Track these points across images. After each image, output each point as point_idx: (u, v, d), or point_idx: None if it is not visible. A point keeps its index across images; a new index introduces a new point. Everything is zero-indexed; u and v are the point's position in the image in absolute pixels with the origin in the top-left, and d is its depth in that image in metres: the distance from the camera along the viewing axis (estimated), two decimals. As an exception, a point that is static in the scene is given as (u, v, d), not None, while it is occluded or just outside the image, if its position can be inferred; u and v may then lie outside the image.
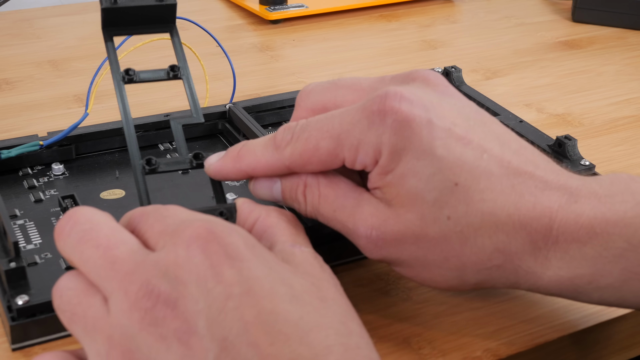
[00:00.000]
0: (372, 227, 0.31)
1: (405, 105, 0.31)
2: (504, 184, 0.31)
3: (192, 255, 0.26)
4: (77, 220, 0.28)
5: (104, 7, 0.37)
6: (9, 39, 0.66)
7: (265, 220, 0.31)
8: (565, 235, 0.30)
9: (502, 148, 0.31)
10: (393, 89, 0.31)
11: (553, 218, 0.30)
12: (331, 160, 0.32)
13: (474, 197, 0.30)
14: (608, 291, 0.31)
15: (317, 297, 0.26)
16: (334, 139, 0.32)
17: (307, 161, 0.32)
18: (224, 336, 0.24)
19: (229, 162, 0.34)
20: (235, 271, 0.26)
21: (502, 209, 0.30)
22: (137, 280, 0.26)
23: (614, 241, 0.30)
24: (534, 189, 0.31)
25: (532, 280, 0.31)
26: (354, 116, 0.31)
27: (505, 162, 0.31)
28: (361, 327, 0.27)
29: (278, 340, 0.24)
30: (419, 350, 0.34)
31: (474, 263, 0.31)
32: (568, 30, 0.71)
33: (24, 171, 0.44)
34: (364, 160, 0.31)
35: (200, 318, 0.25)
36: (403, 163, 0.31)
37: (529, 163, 0.31)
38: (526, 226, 0.30)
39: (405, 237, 0.31)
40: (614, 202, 0.30)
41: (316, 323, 0.25)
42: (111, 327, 0.26)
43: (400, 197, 0.31)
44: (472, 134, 0.31)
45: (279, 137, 0.33)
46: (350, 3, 0.74)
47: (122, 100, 0.37)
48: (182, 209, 0.30)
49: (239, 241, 0.27)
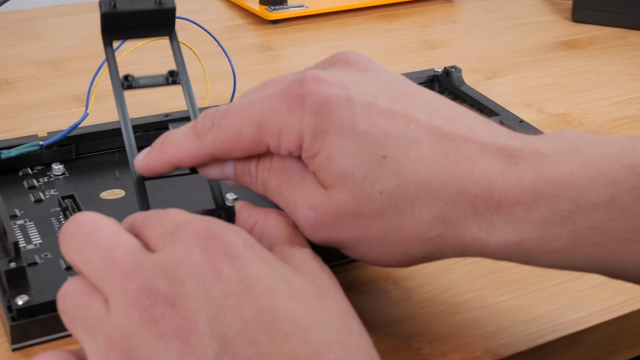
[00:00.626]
0: (310, 207, 0.31)
1: (323, 87, 0.30)
2: (436, 151, 0.29)
3: (191, 254, 0.26)
4: (80, 224, 0.29)
5: (103, 12, 0.37)
6: (9, 39, 0.66)
7: (264, 222, 0.31)
8: (507, 198, 0.29)
9: (430, 115, 0.30)
10: (310, 73, 0.31)
11: (493, 182, 0.29)
12: (255, 147, 0.31)
13: (405, 168, 0.29)
14: (558, 255, 0.29)
15: (316, 296, 0.26)
16: (256, 126, 0.31)
17: (230, 149, 0.32)
18: (223, 334, 0.24)
19: (154, 155, 0.33)
20: (235, 269, 0.26)
21: (436, 176, 0.29)
22: (136, 279, 0.26)
23: (561, 203, 0.28)
24: (470, 153, 0.29)
25: (479, 247, 0.30)
26: (273, 102, 0.31)
27: (434, 128, 0.30)
28: (361, 326, 0.27)
29: (278, 338, 0.24)
30: (419, 350, 0.34)
31: (414, 235, 0.30)
32: (568, 30, 0.71)
33: (24, 171, 0.44)
34: (288, 146, 0.31)
35: (200, 316, 0.25)
36: (327, 144, 0.30)
37: (463, 127, 0.30)
38: (465, 192, 0.29)
39: (342, 218, 0.30)
40: (559, 162, 0.29)
41: (316, 321, 0.25)
42: (111, 327, 0.26)
43: (331, 178, 0.30)
44: (396, 105, 0.30)
45: (200, 125, 0.32)
46: (350, 3, 0.74)
47: (121, 106, 0.37)
48: (182, 211, 0.30)
49: (238, 240, 0.27)
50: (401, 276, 0.38)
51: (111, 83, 0.37)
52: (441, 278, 0.38)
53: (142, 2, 0.38)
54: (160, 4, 0.38)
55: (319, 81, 0.30)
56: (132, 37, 0.39)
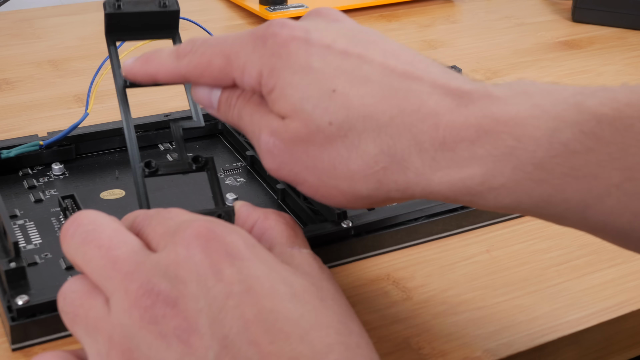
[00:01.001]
0: (270, 134, 0.32)
1: (286, 30, 0.32)
2: (385, 89, 0.31)
3: (192, 254, 0.26)
4: (81, 222, 0.29)
5: (108, 12, 0.37)
6: (9, 39, 0.66)
7: (264, 222, 0.31)
8: (452, 136, 0.29)
9: (386, 58, 0.31)
10: (278, 19, 0.33)
11: (440, 119, 0.30)
12: (222, 78, 0.34)
13: (354, 102, 0.31)
14: (502, 192, 0.29)
15: (316, 297, 0.26)
16: (225, 58, 0.33)
17: (200, 74, 0.34)
18: (224, 334, 0.24)
19: (138, 63, 0.36)
20: (236, 269, 0.26)
21: (384, 112, 0.30)
22: (137, 279, 0.26)
23: (503, 140, 0.29)
24: (420, 92, 0.30)
25: (423, 184, 0.30)
26: (243, 40, 0.33)
27: (388, 69, 0.31)
28: (360, 327, 0.27)
29: (278, 338, 0.24)
30: (419, 350, 0.34)
31: (360, 168, 0.31)
32: (568, 30, 0.71)
33: (24, 171, 0.44)
34: (250, 82, 0.33)
35: (201, 316, 0.25)
36: (281, 79, 0.32)
37: (418, 70, 0.31)
38: (410, 128, 0.30)
39: (295, 145, 0.32)
40: (507, 103, 0.29)
41: (316, 322, 0.25)
42: (112, 327, 0.26)
43: (285, 110, 0.32)
44: (354, 49, 0.32)
45: (181, 47, 0.35)
46: (350, 3, 0.74)
47: (123, 105, 0.37)
48: (183, 211, 0.30)
49: (239, 240, 0.27)
50: (401, 276, 0.38)
51: (114, 82, 0.37)
52: (441, 278, 0.38)
53: (147, 3, 0.38)
54: (164, 6, 0.38)
55: (284, 26, 0.33)
56: (135, 39, 0.39)
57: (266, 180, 0.44)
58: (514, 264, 0.39)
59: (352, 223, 0.38)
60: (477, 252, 0.40)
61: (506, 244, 0.41)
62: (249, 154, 0.46)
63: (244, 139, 0.47)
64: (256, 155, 0.45)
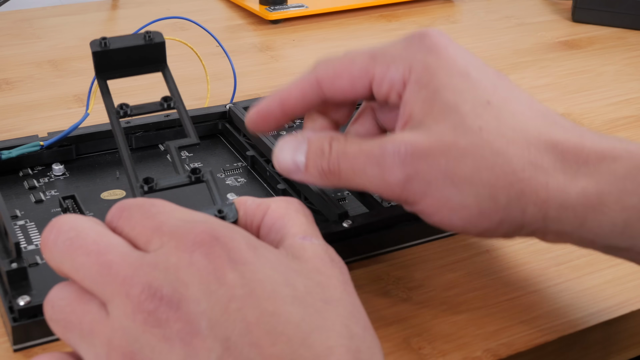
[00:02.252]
0: (402, 143, 0.32)
1: (444, 38, 0.34)
2: (535, 114, 0.32)
3: (195, 260, 0.26)
4: (61, 229, 0.28)
5: (94, 51, 0.38)
6: (9, 39, 0.66)
7: (274, 212, 0.30)
8: (596, 154, 0.31)
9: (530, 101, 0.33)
10: (435, 29, 0.34)
11: (585, 141, 0.32)
12: (360, 78, 0.34)
13: (505, 115, 0.32)
14: (634, 213, 0.30)
15: (320, 299, 0.26)
16: (370, 56, 0.34)
17: (337, 74, 0.34)
18: (226, 336, 0.24)
19: (262, 103, 0.37)
20: (238, 274, 0.26)
21: (533, 128, 0.32)
22: (137, 283, 0.26)
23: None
24: (565, 122, 0.33)
25: (560, 199, 0.31)
26: (393, 42, 0.34)
27: (534, 105, 0.33)
28: (365, 330, 0.27)
29: (280, 341, 0.24)
30: (419, 350, 0.34)
31: (506, 174, 0.31)
32: (568, 30, 0.71)
33: (24, 172, 0.44)
34: (393, 78, 0.33)
35: (203, 319, 0.25)
36: (437, 78, 0.32)
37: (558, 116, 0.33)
38: (557, 144, 0.32)
39: (436, 149, 0.32)
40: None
41: (318, 325, 0.25)
42: (112, 330, 0.26)
43: (433, 112, 0.32)
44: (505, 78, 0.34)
45: (316, 62, 0.35)
46: (350, 3, 0.74)
47: (118, 133, 0.38)
48: (171, 204, 0.29)
49: (242, 245, 0.27)
50: (401, 276, 0.38)
51: (107, 115, 0.38)
52: (441, 278, 0.38)
53: (132, 39, 0.39)
54: (150, 40, 0.39)
55: (442, 34, 0.34)
56: (125, 75, 0.40)
57: (266, 181, 0.44)
58: (514, 264, 0.40)
59: (353, 223, 0.39)
60: (477, 252, 0.40)
61: (506, 243, 0.41)
62: (249, 154, 0.46)
63: (244, 138, 0.47)
64: (257, 156, 0.45)
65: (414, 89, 0.32)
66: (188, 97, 0.56)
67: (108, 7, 0.74)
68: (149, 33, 0.40)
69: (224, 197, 0.42)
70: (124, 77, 0.40)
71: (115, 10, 0.74)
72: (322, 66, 0.35)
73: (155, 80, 0.41)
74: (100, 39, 0.38)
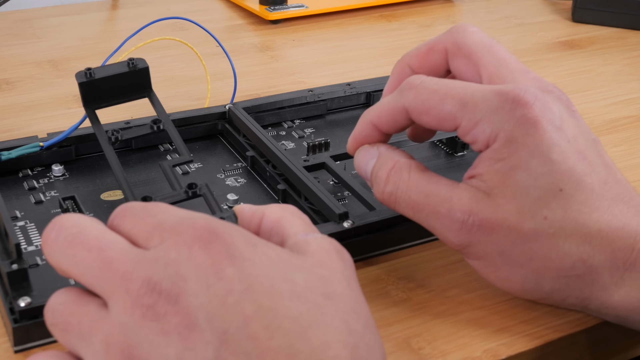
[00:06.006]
0: (469, 212, 0.33)
1: (539, 105, 0.33)
2: (602, 203, 0.32)
3: (194, 255, 0.26)
4: (63, 226, 0.28)
5: (80, 82, 0.39)
6: (9, 39, 0.66)
7: (270, 217, 0.31)
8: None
9: (608, 174, 0.33)
10: (533, 89, 0.33)
11: (637, 240, 0.32)
12: (447, 121, 0.34)
13: (572, 206, 0.32)
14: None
15: (321, 294, 0.26)
16: (461, 104, 0.33)
17: (425, 111, 0.34)
18: (224, 329, 0.25)
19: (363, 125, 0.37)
20: (236, 269, 0.26)
21: (594, 223, 0.32)
22: (137, 278, 0.26)
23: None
24: (627, 212, 0.32)
25: (603, 298, 0.32)
26: (488, 94, 0.33)
27: (607, 185, 0.33)
28: (365, 327, 0.27)
29: (277, 334, 0.24)
30: (419, 350, 0.34)
31: (556, 268, 0.32)
32: (568, 30, 0.71)
33: (24, 172, 0.44)
34: (477, 136, 0.33)
35: (201, 312, 0.25)
36: (517, 155, 0.32)
37: (627, 193, 0.33)
38: (612, 243, 0.32)
39: (500, 228, 0.32)
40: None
41: (316, 320, 0.25)
42: (110, 326, 0.26)
43: (504, 188, 0.32)
44: (588, 152, 0.33)
45: (405, 82, 0.35)
46: (350, 3, 0.74)
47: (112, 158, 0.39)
48: (173, 207, 0.29)
49: (241, 241, 0.27)
50: (401, 276, 0.38)
51: (99, 142, 0.40)
52: (441, 278, 0.38)
53: (116, 67, 0.41)
54: (134, 67, 0.41)
55: (537, 99, 0.33)
56: (112, 103, 0.41)
57: (266, 181, 0.44)
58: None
59: (353, 223, 0.39)
60: (477, 252, 0.40)
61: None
62: (249, 154, 0.46)
63: (244, 139, 0.47)
64: (257, 156, 0.45)
65: (493, 156, 0.33)
66: (188, 97, 0.56)
67: (108, 7, 0.74)
68: (132, 60, 0.41)
69: (225, 199, 0.42)
70: (111, 105, 0.41)
71: (115, 10, 0.74)
72: (411, 95, 0.34)
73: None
74: (85, 69, 0.40)
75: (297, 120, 0.51)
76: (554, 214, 0.32)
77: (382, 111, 0.36)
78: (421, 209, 0.34)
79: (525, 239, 0.32)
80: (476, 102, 0.33)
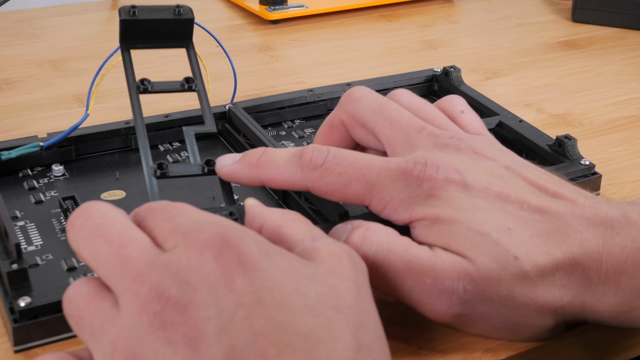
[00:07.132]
0: (458, 279, 0.31)
1: (442, 173, 0.33)
2: (549, 228, 0.32)
3: (204, 262, 0.26)
4: (90, 214, 0.28)
5: (123, 18, 0.37)
6: (9, 39, 0.66)
7: (273, 222, 0.31)
8: (614, 269, 0.31)
9: (539, 198, 0.33)
10: (431, 159, 0.33)
11: (601, 252, 0.32)
12: (355, 201, 0.34)
13: (528, 241, 0.32)
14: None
15: (332, 306, 0.26)
16: (368, 186, 0.33)
17: (331, 193, 0.34)
18: (232, 345, 0.24)
19: (246, 168, 0.35)
20: (247, 280, 0.25)
21: (555, 249, 0.32)
22: (147, 282, 0.26)
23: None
24: (578, 227, 0.32)
25: (592, 316, 0.33)
26: (392, 174, 0.33)
27: (544, 209, 0.33)
28: (374, 341, 0.27)
29: (285, 352, 0.24)
30: (419, 350, 0.34)
31: (550, 303, 0.32)
32: (568, 30, 0.71)
33: (24, 172, 0.44)
34: (390, 215, 0.33)
35: (210, 325, 0.25)
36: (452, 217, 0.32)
37: (568, 204, 0.33)
38: (580, 262, 0.32)
39: (487, 285, 0.31)
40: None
41: (325, 336, 0.25)
42: (118, 329, 0.26)
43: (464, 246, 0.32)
44: (509, 190, 0.33)
45: (307, 158, 0.34)
46: (350, 3, 0.74)
47: (136, 109, 0.37)
48: (192, 207, 0.29)
49: (254, 249, 0.26)
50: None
51: (128, 87, 0.37)
52: (441, 278, 0.38)
53: (162, 11, 0.38)
54: (179, 14, 0.39)
55: (438, 168, 0.33)
56: (149, 47, 0.39)
57: (266, 181, 0.44)
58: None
59: (353, 224, 0.38)
60: (477, 252, 0.40)
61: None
62: (250, 154, 0.46)
63: (244, 139, 0.47)
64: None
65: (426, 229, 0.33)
66: (188, 96, 0.56)
67: (108, 7, 0.74)
68: (179, 7, 0.39)
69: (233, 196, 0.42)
70: (147, 48, 0.39)
71: (115, 10, 0.74)
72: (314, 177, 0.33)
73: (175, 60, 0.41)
74: (130, 6, 0.37)
75: (297, 120, 0.51)
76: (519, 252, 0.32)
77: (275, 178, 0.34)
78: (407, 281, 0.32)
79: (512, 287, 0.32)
80: (383, 183, 0.33)
